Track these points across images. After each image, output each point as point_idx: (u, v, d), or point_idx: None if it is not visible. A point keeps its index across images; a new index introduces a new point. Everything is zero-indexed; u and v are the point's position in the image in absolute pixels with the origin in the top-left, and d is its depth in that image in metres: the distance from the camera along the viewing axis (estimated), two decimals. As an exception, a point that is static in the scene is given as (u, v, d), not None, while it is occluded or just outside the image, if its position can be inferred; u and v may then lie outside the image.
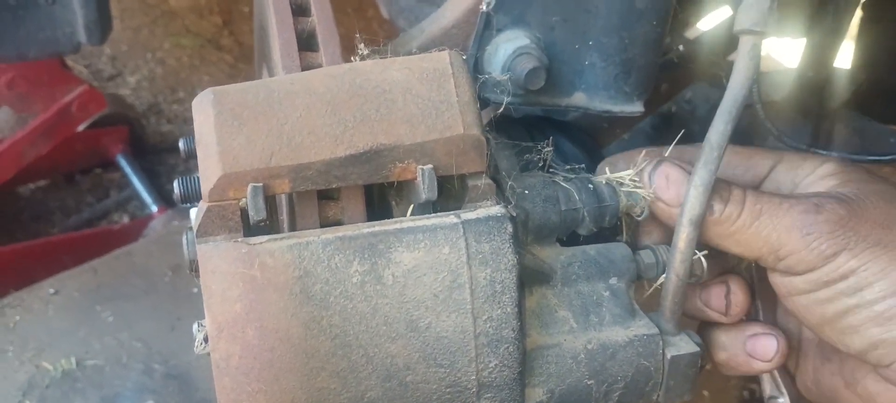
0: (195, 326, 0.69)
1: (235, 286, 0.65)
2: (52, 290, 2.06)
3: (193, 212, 0.77)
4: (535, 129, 1.07)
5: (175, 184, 0.80)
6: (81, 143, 2.68)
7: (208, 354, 0.69)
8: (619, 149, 1.59)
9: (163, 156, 2.98)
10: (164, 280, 2.14)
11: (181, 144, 0.85)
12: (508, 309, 0.69)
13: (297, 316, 0.65)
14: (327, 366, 0.66)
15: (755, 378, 2.21)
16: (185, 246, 0.70)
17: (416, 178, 0.69)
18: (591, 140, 1.21)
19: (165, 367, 1.92)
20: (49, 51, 1.63)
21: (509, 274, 0.70)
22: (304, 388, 0.65)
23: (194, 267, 0.68)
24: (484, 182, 0.73)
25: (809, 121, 1.43)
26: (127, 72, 3.41)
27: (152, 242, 2.31)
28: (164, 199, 2.67)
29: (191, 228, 0.72)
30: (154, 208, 2.63)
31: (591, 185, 0.84)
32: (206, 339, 0.70)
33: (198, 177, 0.74)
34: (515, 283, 0.70)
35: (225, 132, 0.67)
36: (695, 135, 0.91)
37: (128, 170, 2.73)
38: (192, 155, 0.78)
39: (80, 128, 2.59)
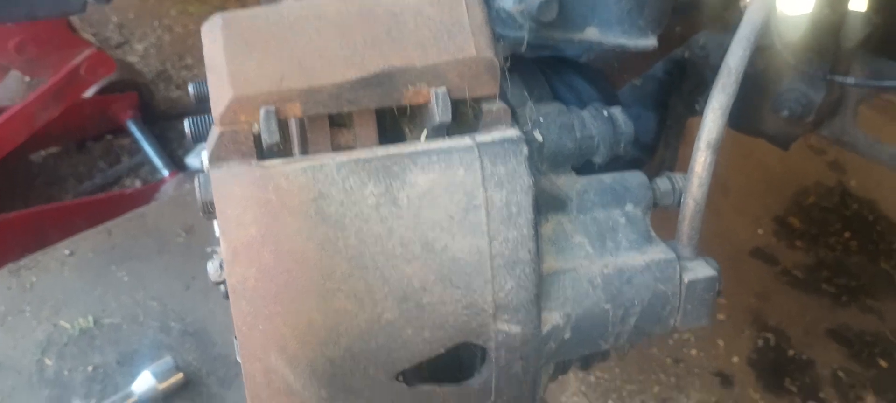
0: (209, 254, 0.69)
1: (250, 209, 0.65)
2: (67, 251, 2.07)
3: (203, 156, 0.76)
4: (549, 69, 1.06)
5: (186, 122, 0.80)
6: (91, 109, 2.68)
7: (223, 283, 0.69)
8: (632, 95, 1.58)
9: (173, 122, 2.98)
10: (177, 240, 2.15)
11: (191, 89, 0.84)
12: (524, 231, 0.69)
13: (312, 238, 0.65)
14: (344, 287, 0.65)
15: (769, 326, 2.21)
16: (198, 190, 0.69)
17: (429, 101, 0.69)
18: (605, 80, 1.20)
19: (182, 324, 1.94)
20: (58, 10, 1.62)
21: (525, 195, 0.69)
22: (320, 310, 0.65)
23: (209, 209, 0.68)
24: (498, 106, 0.72)
25: (825, 61, 1.41)
26: (134, 39, 3.39)
27: (164, 204, 2.32)
28: (176, 163, 2.67)
29: (203, 172, 0.71)
30: (165, 172, 2.63)
31: (606, 113, 0.83)
32: (221, 266, 0.70)
33: (209, 118, 0.74)
34: (531, 205, 0.69)
35: (235, 56, 0.66)
36: (708, 83, 0.90)
37: (138, 135, 2.73)
38: (201, 98, 0.77)
39: (90, 93, 2.59)
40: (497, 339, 0.70)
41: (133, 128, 2.75)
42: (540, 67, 1.05)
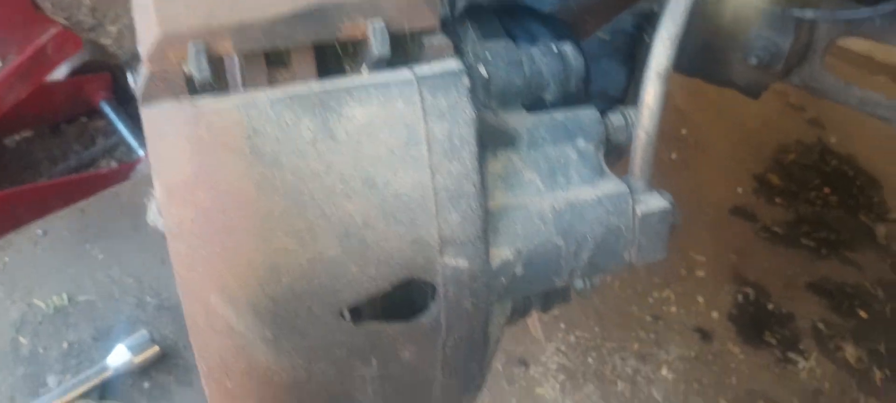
0: (146, 199, 0.68)
1: (183, 148, 0.63)
2: (40, 231, 2.06)
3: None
4: (506, 15, 1.04)
5: (128, 75, 0.78)
6: (64, 92, 2.64)
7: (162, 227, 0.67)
8: (602, 50, 1.56)
9: (148, 102, 2.94)
10: (152, 217, 2.13)
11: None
12: (468, 164, 0.68)
13: (248, 176, 0.63)
14: (283, 226, 0.64)
15: (749, 282, 2.22)
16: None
17: (366, 35, 0.67)
18: (570, 32, 1.18)
19: (158, 299, 1.92)
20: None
21: (467, 128, 0.68)
22: (259, 249, 0.64)
23: None
24: (440, 40, 0.71)
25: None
26: (107, 21, 3.35)
27: (139, 182, 2.29)
28: (151, 143, 2.64)
29: None
30: (141, 152, 2.60)
31: (555, 49, 0.82)
32: (159, 211, 0.68)
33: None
34: (474, 137, 0.68)
35: (163, -7, 0.64)
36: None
37: (113, 116, 2.69)
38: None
39: (61, 75, 2.55)
40: (444, 274, 0.69)
41: (107, 110, 2.71)
42: (497, 14, 1.04)
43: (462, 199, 0.68)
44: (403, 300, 0.77)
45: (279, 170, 0.64)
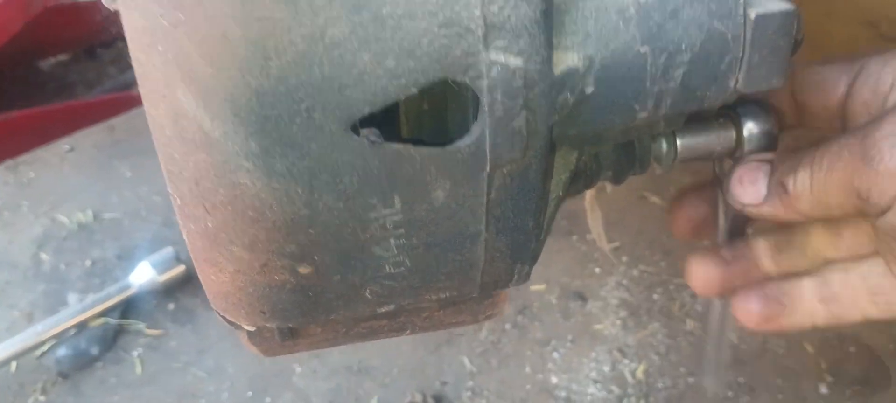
0: (102, -33, 0.52)
1: None
2: (67, 147, 1.96)
3: None
4: None
5: None
6: (99, 14, 2.54)
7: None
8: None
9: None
10: (184, 135, 2.01)
11: None
12: (524, -82, 0.49)
13: (223, -82, 0.46)
14: (269, -14, 0.47)
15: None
16: None
17: None
18: None
19: (186, 218, 1.80)
20: None
21: None
22: (238, 17, 0.47)
23: None
24: None
25: None
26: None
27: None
28: (189, 67, 2.53)
29: None
30: (178, 77, 2.49)
31: None
32: (117, -15, 0.52)
33: None
34: None
35: None
36: None
37: (151, 41, 2.59)
38: None
39: (97, -5, 2.45)
40: (490, 76, 0.51)
41: (144, 33, 2.61)
42: None
43: (515, -33, 0.50)
44: (436, 128, 0.60)
45: None
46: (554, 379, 1.56)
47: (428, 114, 0.61)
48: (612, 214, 1.92)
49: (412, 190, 0.55)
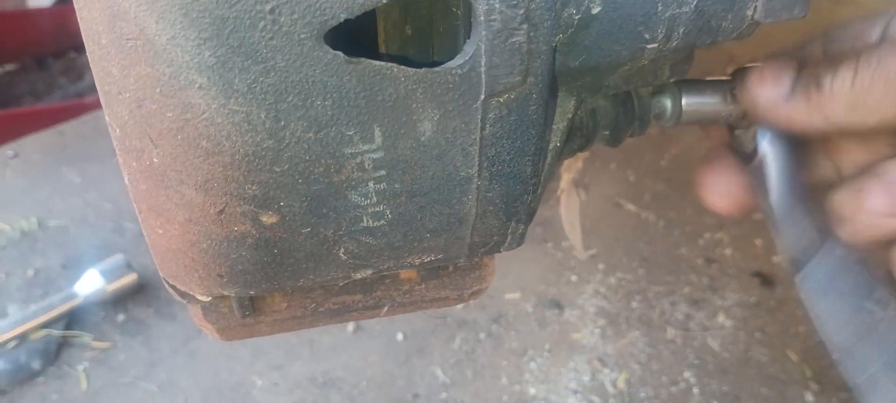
0: None
1: None
2: (11, 153, 1.83)
3: None
4: None
5: None
6: (49, 22, 2.43)
7: None
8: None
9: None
10: (137, 141, 1.90)
11: None
12: None
13: None
14: None
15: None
16: None
17: None
18: None
19: (138, 226, 1.68)
20: None
21: None
22: None
23: None
24: None
25: None
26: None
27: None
28: (144, 78, 2.42)
29: None
30: (134, 87, 2.38)
31: None
32: None
33: None
34: None
35: None
36: None
37: (104, 51, 2.48)
38: None
39: (47, 1, 2.34)
40: (487, -19, 0.44)
41: (98, 42, 2.50)
42: None
43: None
44: (420, 43, 0.53)
45: None
46: (531, 390, 1.48)
47: (412, 40, 0.54)
48: (588, 222, 1.86)
49: (395, 120, 0.47)
